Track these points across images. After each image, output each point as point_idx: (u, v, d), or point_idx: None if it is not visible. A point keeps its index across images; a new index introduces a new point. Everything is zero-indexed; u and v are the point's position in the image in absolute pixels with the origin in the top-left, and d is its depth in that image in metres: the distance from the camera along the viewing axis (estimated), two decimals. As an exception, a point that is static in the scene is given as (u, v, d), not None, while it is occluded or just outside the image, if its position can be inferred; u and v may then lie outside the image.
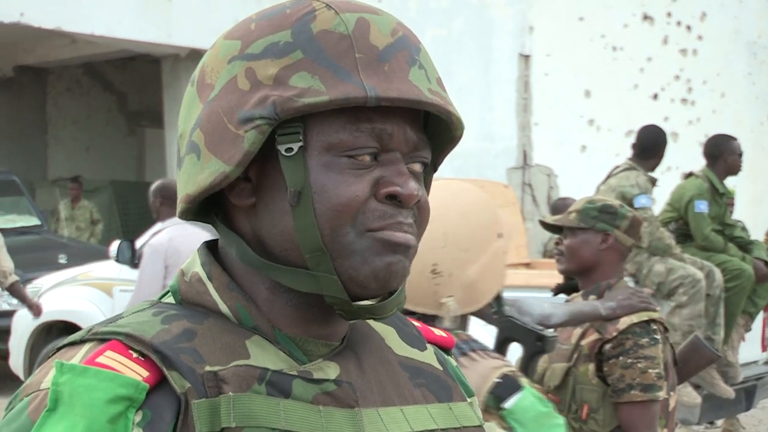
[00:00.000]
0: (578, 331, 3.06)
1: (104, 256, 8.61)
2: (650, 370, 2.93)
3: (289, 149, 0.97)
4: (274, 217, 0.99)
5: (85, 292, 8.05)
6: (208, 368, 0.94)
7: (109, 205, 13.79)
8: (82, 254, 9.71)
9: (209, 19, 11.25)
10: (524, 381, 1.83)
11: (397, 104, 0.97)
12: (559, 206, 8.16)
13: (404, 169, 0.99)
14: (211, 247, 1.07)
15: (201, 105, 1.01)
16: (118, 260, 7.92)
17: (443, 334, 1.19)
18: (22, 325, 8.16)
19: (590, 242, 3.13)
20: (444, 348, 1.18)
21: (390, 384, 1.04)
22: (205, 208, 1.05)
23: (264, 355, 0.98)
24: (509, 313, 2.32)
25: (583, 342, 3.03)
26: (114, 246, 8.02)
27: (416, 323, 1.17)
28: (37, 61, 14.43)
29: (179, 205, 1.04)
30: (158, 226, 5.99)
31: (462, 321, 1.99)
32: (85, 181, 14.52)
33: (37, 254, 10.02)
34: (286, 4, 1.01)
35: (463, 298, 1.93)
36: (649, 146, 6.18)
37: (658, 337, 3.00)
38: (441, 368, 1.12)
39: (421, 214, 1.02)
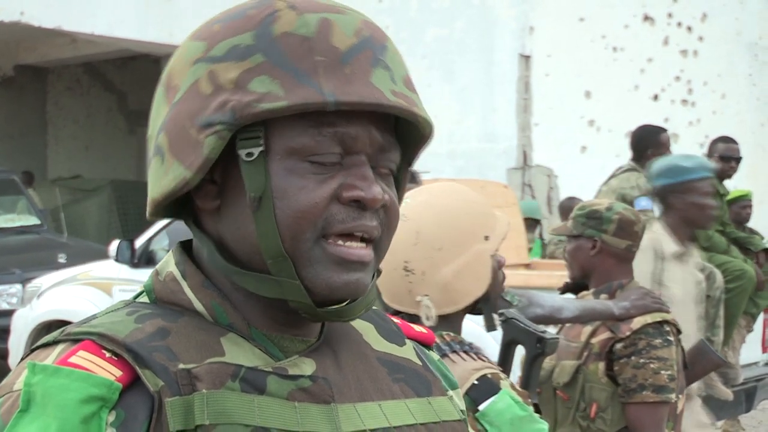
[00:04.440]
0: (588, 328, 3.05)
1: (104, 255, 8.60)
2: (662, 372, 2.92)
3: (250, 154, 0.96)
4: (237, 222, 0.98)
5: (85, 291, 8.05)
6: (181, 366, 0.93)
7: (109, 204, 13.78)
8: (82, 254, 9.70)
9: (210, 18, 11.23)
10: (505, 383, 1.82)
11: (357, 108, 0.95)
12: (566, 206, 8.15)
13: (368, 173, 0.98)
14: (185, 246, 1.06)
15: (167, 107, 1.00)
16: (117, 260, 7.92)
17: (423, 330, 1.19)
18: (22, 325, 8.16)
19: (583, 248, 3.17)
20: (424, 344, 1.17)
21: (368, 379, 1.04)
22: (177, 207, 1.04)
23: (239, 352, 0.97)
24: (512, 315, 2.30)
25: (594, 340, 3.02)
26: (113, 246, 8.02)
27: (396, 320, 1.16)
28: (37, 60, 14.44)
29: (148, 208, 1.03)
30: None
31: (450, 322, 1.97)
32: (85, 180, 14.52)
33: (36, 253, 10.02)
34: (248, 4, 1.00)
35: (440, 298, 1.93)
36: None
37: (672, 338, 2.99)
38: (420, 363, 1.11)
39: (388, 216, 1.01)
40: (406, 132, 1.03)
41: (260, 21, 0.97)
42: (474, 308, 2.04)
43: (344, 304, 0.99)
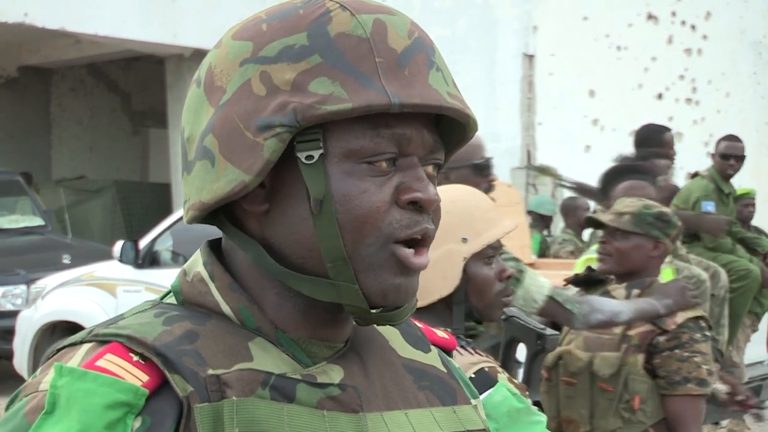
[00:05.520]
0: None
1: (108, 256, 8.61)
2: (703, 366, 3.00)
3: (310, 157, 0.94)
4: (292, 225, 0.96)
5: (89, 292, 8.05)
6: (210, 371, 0.92)
7: (113, 205, 13.77)
8: (86, 254, 9.71)
9: (213, 19, 11.23)
10: (502, 377, 1.83)
11: (419, 110, 0.95)
12: (568, 206, 8.12)
13: (422, 174, 0.98)
14: (213, 246, 1.04)
15: (211, 108, 0.97)
16: (121, 260, 7.93)
17: (445, 336, 1.18)
18: (26, 325, 8.16)
19: (642, 247, 3.16)
20: (446, 350, 1.16)
21: (394, 387, 1.03)
22: (213, 210, 1.01)
23: (267, 358, 0.96)
24: (512, 313, 2.30)
25: (632, 332, 3.06)
26: (118, 246, 8.03)
27: (419, 324, 1.15)
28: (41, 61, 14.44)
29: (189, 212, 1.00)
30: None
31: (438, 316, 1.98)
32: (89, 181, 14.52)
33: (41, 254, 10.02)
34: (297, 4, 0.97)
35: None
36: None
37: (708, 333, 3.07)
38: (445, 370, 1.10)
39: (436, 216, 1.01)
40: (444, 133, 1.03)
41: (313, 21, 0.95)
42: (451, 306, 2.04)
43: (391, 308, 0.99)
